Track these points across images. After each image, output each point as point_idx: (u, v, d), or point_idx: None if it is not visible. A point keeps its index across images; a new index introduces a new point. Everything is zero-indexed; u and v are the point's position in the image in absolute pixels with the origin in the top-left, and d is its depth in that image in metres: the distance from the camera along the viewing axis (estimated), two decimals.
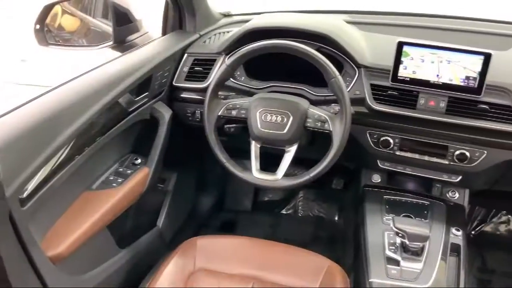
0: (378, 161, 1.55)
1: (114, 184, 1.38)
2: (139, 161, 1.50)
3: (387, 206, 1.48)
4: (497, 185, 1.61)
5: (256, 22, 1.57)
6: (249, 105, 1.37)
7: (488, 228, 2.16)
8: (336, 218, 2.24)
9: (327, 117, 1.32)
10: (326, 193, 2.30)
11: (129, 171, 1.44)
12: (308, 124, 1.34)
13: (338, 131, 1.30)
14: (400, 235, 1.25)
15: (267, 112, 1.34)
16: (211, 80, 1.45)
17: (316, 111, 1.34)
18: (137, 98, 1.46)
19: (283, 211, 2.31)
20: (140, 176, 1.43)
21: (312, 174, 1.32)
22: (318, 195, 2.31)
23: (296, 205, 2.31)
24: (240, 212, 2.28)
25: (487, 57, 1.29)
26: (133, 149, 1.55)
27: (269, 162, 1.41)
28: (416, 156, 1.46)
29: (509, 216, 2.17)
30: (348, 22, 1.66)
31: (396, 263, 1.26)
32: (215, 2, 1.83)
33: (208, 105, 1.38)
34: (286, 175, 1.36)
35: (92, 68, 1.34)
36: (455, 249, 1.33)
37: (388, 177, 1.62)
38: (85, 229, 1.23)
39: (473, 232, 2.14)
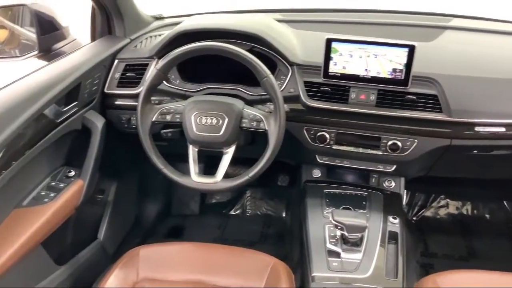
0: (316, 156, 1.58)
1: (46, 200, 1.32)
2: (72, 173, 1.44)
3: (327, 200, 1.51)
4: (432, 172, 1.68)
5: (186, 24, 1.55)
6: (184, 109, 1.35)
7: (428, 213, 2.25)
8: (284, 215, 2.26)
9: (262, 117, 1.32)
10: (273, 191, 2.32)
11: (62, 185, 1.39)
12: (244, 125, 1.33)
13: (273, 130, 1.30)
14: (339, 227, 1.28)
15: (202, 115, 1.33)
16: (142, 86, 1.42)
17: (251, 111, 1.34)
18: (66, 108, 1.40)
19: (231, 212, 2.31)
20: (74, 189, 1.38)
21: (250, 175, 1.32)
22: (265, 194, 2.32)
23: (244, 204, 2.31)
24: (187, 216, 2.25)
25: (411, 49, 1.33)
26: (66, 161, 1.49)
27: (216, 164, 1.40)
28: (352, 149, 1.50)
29: (448, 200, 2.27)
30: (280, 21, 1.67)
31: (337, 255, 1.29)
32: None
33: (141, 111, 1.35)
34: (227, 176, 1.35)
35: (14, 80, 1.28)
36: (393, 236, 1.37)
37: (328, 171, 1.65)
38: (16, 248, 1.17)
39: (414, 218, 2.22)
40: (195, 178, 1.34)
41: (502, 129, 1.39)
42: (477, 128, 1.39)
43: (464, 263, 1.97)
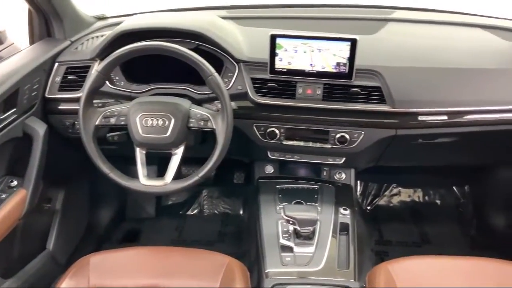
0: (268, 152, 1.58)
1: None
2: (15, 183, 1.38)
3: (280, 195, 1.51)
4: (382, 162, 1.72)
5: (127, 24, 1.51)
6: (128, 111, 1.32)
7: (382, 202, 2.30)
8: (241, 212, 2.25)
9: (209, 116, 1.31)
10: (229, 189, 2.31)
11: (3, 195, 1.33)
12: (191, 125, 1.32)
13: (221, 128, 1.29)
14: (291, 222, 1.29)
15: (147, 116, 1.30)
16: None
17: (198, 111, 1.33)
18: (3, 116, 1.34)
19: (189, 212, 2.28)
20: (17, 200, 1.32)
21: (200, 175, 1.30)
22: (222, 192, 2.31)
23: (201, 204, 2.29)
24: (143, 220, 2.21)
25: (353, 43, 1.35)
26: (8, 170, 1.42)
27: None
28: (302, 143, 1.51)
29: (400, 188, 2.33)
30: (225, 18, 1.66)
31: (290, 250, 1.30)
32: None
33: (83, 115, 1.30)
34: (181, 177, 1.33)
35: None
36: (344, 228, 1.39)
37: (280, 166, 1.66)
38: None
39: (368, 208, 2.27)
40: (143, 181, 1.31)
41: (444, 117, 1.43)
42: (420, 118, 1.43)
43: (417, 248, 2.03)
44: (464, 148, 1.67)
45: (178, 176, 1.32)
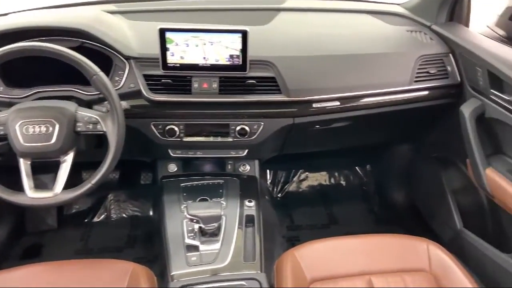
0: (169, 150, 1.54)
1: None
2: None
3: (184, 194, 1.48)
4: (286, 150, 1.74)
5: (2, 24, 1.38)
6: (6, 119, 1.20)
7: (291, 188, 2.36)
8: (151, 213, 2.18)
9: (98, 118, 1.23)
10: (137, 190, 2.22)
11: None
12: (79, 129, 1.23)
13: (111, 130, 1.22)
14: (195, 220, 1.26)
15: (28, 124, 1.19)
16: None
17: (86, 113, 1.24)
18: None
19: (95, 220, 2.16)
20: None
21: (93, 182, 1.22)
22: (129, 194, 2.22)
23: (108, 209, 2.18)
24: (45, 233, 2.05)
25: (244, 34, 1.34)
26: None
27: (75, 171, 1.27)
28: (202, 139, 1.48)
29: (307, 173, 2.40)
30: (113, 12, 1.57)
31: (196, 249, 1.27)
32: None
33: None
34: (76, 184, 1.24)
35: None
36: (250, 220, 1.39)
37: (184, 164, 1.62)
38: None
39: (279, 195, 2.31)
40: (30, 194, 1.20)
41: (337, 103, 1.48)
42: (314, 105, 1.46)
43: (326, 230, 2.10)
44: (359, 131, 1.74)
45: (75, 183, 1.24)
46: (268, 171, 2.31)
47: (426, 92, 1.55)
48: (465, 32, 1.62)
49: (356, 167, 2.41)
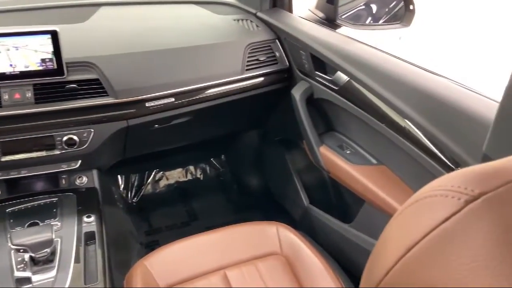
0: None
1: None
2: None
3: (11, 220, 1.29)
4: (129, 153, 1.64)
5: None
6: None
7: (147, 190, 2.25)
8: None
9: None
10: None
11: None
12: None
13: None
14: (21, 250, 1.11)
15: None
16: None
17: None
18: None
19: None
20: None
21: None
22: None
23: None
24: None
25: (54, 35, 1.21)
26: None
27: None
28: (24, 156, 1.31)
29: (163, 172, 2.31)
30: None
31: (28, 281, 1.12)
32: None
33: None
34: None
35: None
36: (90, 237, 1.27)
37: (9, 186, 1.42)
38: None
39: (134, 199, 2.20)
40: None
41: (172, 99, 1.43)
42: (148, 104, 1.39)
43: (187, 228, 2.06)
44: (203, 124, 1.72)
45: None
46: (119, 176, 2.18)
47: (259, 79, 1.58)
48: (287, 17, 1.68)
49: (211, 159, 2.40)
